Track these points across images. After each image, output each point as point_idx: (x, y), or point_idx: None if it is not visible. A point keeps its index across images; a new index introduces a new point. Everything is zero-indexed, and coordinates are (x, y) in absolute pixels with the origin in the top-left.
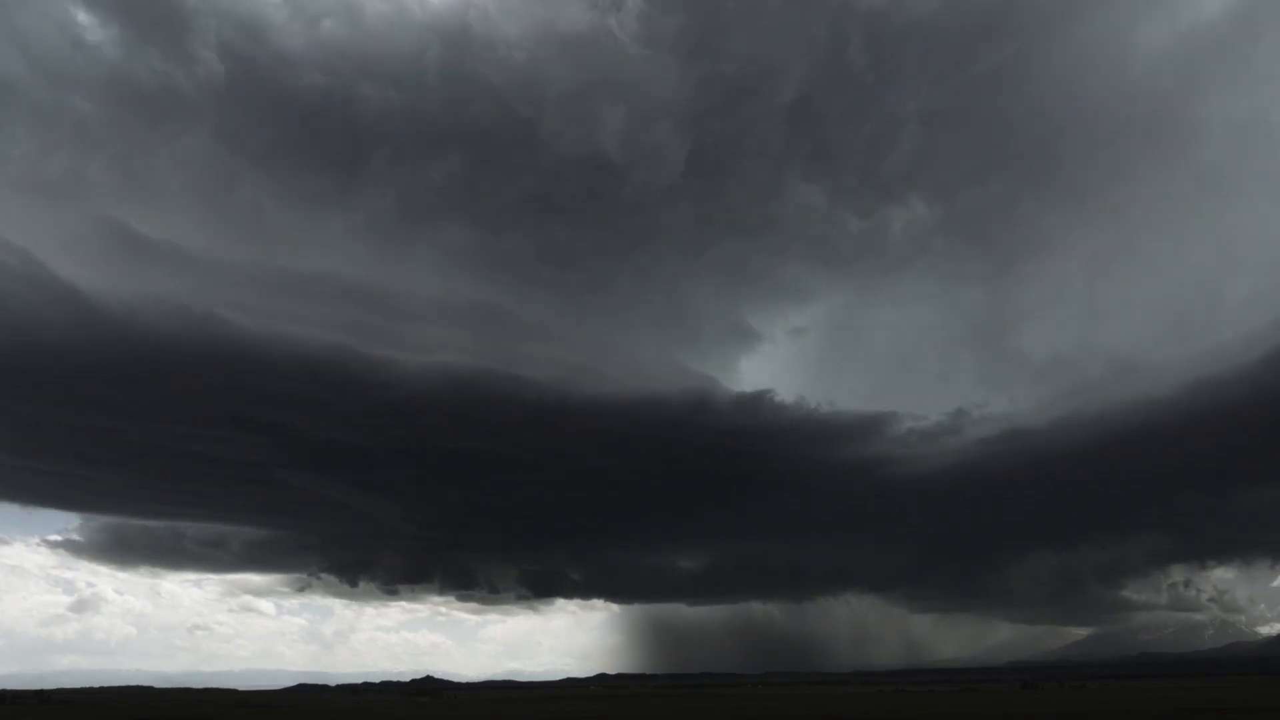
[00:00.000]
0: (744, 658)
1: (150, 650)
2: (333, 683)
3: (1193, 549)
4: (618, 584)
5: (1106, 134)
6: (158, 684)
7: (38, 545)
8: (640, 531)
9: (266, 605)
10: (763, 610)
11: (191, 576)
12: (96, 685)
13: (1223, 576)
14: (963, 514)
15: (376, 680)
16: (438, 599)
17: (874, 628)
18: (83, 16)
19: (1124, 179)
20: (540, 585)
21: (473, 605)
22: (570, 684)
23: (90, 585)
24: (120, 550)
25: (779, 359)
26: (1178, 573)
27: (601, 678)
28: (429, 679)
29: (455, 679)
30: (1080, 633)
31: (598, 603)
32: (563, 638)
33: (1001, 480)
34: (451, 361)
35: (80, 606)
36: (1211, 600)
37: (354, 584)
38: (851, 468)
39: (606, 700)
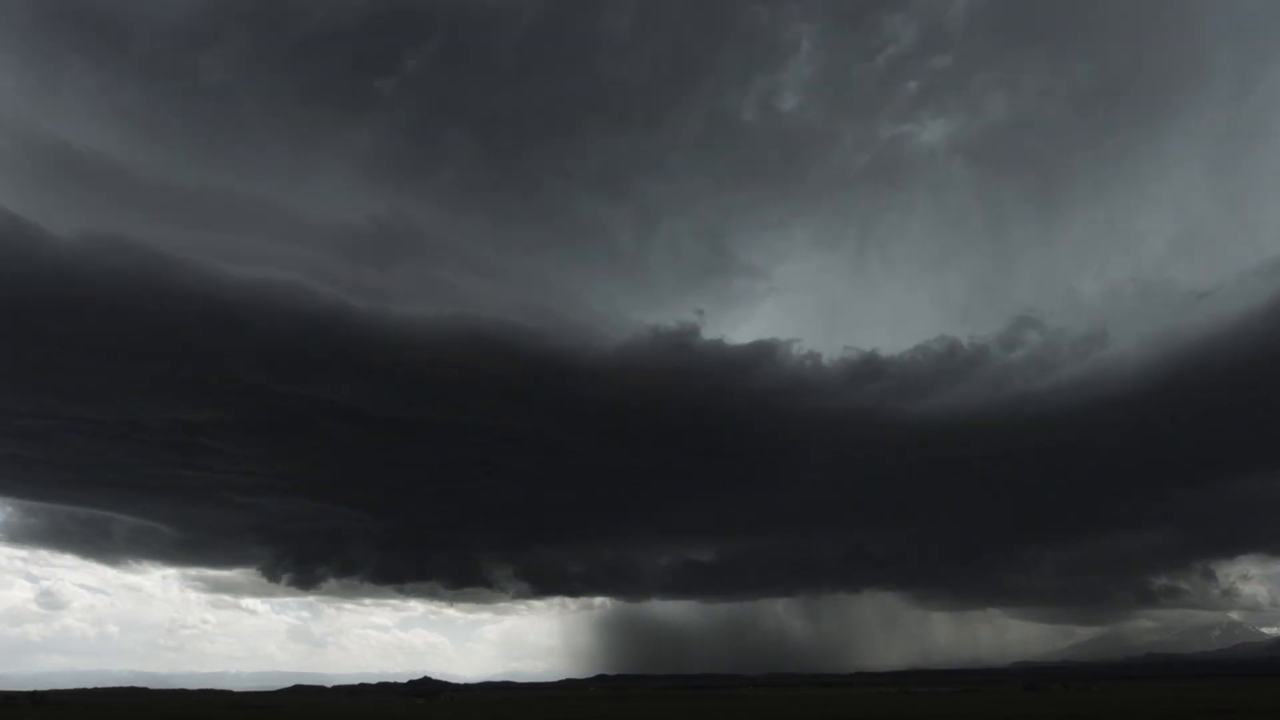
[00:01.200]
0: (745, 658)
1: (131, 650)
2: (326, 683)
3: (1218, 541)
4: (618, 580)
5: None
6: (120, 684)
7: None
8: (634, 522)
9: (252, 603)
10: (768, 608)
11: (169, 571)
12: (71, 686)
13: (1251, 571)
14: (975, 498)
15: (373, 681)
16: (432, 597)
17: (878, 627)
18: None
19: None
20: (540, 581)
21: (468, 604)
22: (569, 685)
23: (56, 579)
24: (72, 539)
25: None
26: (1212, 568)
27: (601, 678)
28: (426, 680)
29: (452, 679)
30: (1086, 633)
31: (596, 600)
32: (561, 637)
33: (1013, 460)
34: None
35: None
36: (1226, 594)
37: (350, 579)
38: (844, 439)
39: (606, 701)
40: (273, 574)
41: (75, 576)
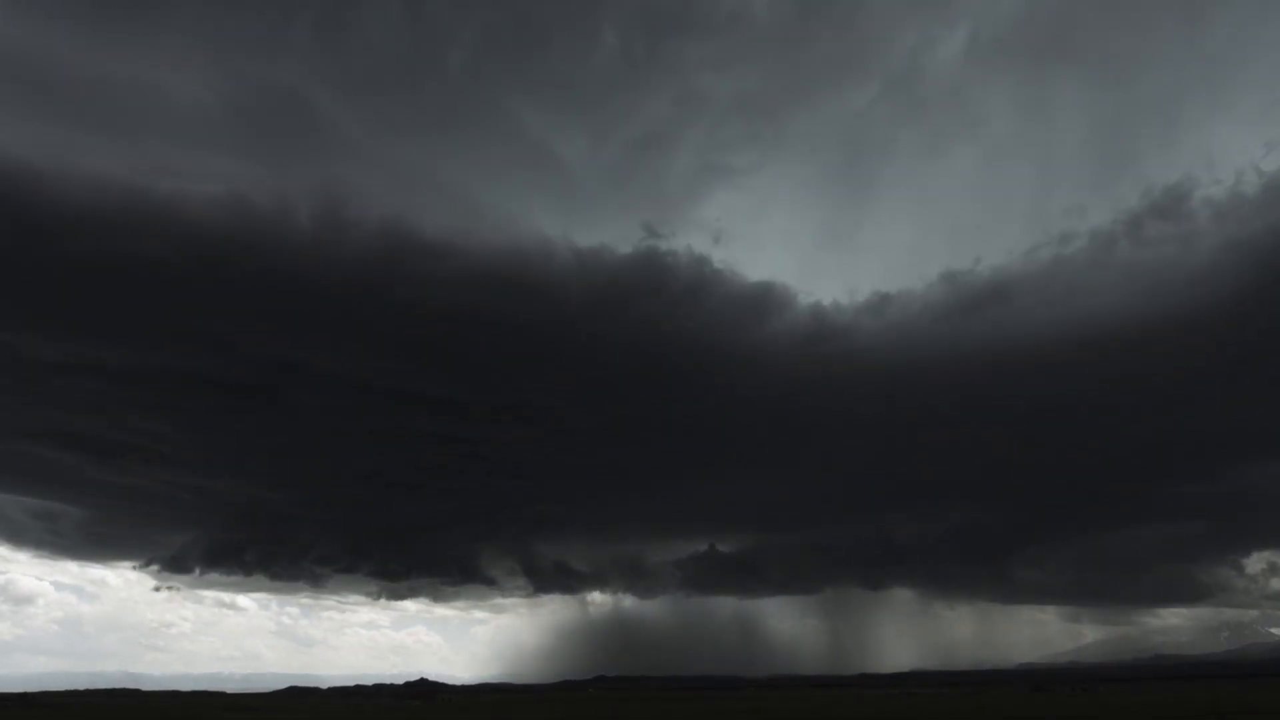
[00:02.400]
0: (748, 659)
1: (113, 650)
2: (319, 684)
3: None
4: (617, 577)
5: None
6: (107, 685)
7: None
8: (630, 510)
9: (238, 600)
10: (770, 607)
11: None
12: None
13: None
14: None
15: (368, 682)
16: (425, 595)
17: (881, 627)
18: None
19: None
20: (538, 579)
21: (463, 603)
22: (568, 685)
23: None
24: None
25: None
26: (1241, 561)
27: (600, 679)
28: (423, 681)
29: (448, 680)
30: (1095, 634)
31: (596, 600)
32: (559, 637)
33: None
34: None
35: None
36: (1251, 587)
37: (343, 576)
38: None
39: (606, 703)
40: (254, 570)
41: (43, 571)
